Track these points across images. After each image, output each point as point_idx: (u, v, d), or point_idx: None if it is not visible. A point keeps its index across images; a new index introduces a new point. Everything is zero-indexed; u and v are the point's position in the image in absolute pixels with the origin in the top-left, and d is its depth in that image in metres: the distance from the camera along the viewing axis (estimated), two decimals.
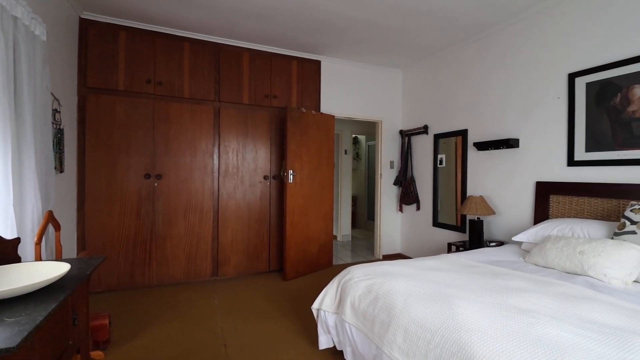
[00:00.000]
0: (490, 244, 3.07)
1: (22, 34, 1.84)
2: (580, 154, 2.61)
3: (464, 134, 3.69)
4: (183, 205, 3.48)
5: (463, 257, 2.41)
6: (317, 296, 2.36)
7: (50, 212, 1.78)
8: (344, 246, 5.47)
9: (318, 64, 4.18)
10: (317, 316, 2.11)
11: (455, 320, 1.35)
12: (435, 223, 4.11)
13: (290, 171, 3.58)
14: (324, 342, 2.06)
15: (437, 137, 4.09)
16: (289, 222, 3.59)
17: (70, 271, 1.30)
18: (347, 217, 5.99)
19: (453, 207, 3.87)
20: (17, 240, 1.42)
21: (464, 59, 3.71)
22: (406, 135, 4.54)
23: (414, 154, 4.48)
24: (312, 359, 2.08)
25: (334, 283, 2.11)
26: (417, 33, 3.50)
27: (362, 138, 7.32)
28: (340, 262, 4.45)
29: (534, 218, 2.95)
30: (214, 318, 2.67)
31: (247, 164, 3.78)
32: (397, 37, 3.61)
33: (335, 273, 3.75)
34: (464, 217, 3.67)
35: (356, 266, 2.13)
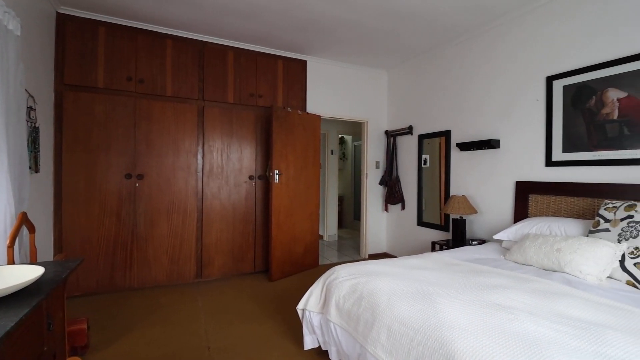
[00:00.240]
0: (473, 243, 3.13)
1: None
2: (558, 154, 2.70)
3: (447, 134, 3.76)
4: (165, 205, 3.41)
5: (446, 255, 2.45)
6: (302, 296, 2.36)
7: (24, 213, 1.71)
8: (331, 246, 5.48)
9: (304, 63, 4.18)
10: (302, 316, 2.11)
11: (437, 317, 1.37)
12: (420, 222, 4.17)
13: (276, 171, 3.56)
14: (309, 343, 2.06)
15: (421, 138, 4.15)
16: (274, 222, 3.57)
17: (45, 274, 1.26)
18: (334, 217, 6.00)
19: (437, 206, 3.93)
20: None
21: (447, 60, 3.78)
22: (391, 136, 4.59)
23: (399, 154, 4.53)
24: None
25: (319, 283, 2.11)
26: (402, 35, 3.54)
27: (348, 138, 7.35)
28: (327, 262, 4.45)
29: (514, 217, 3.03)
30: (198, 320, 2.63)
31: (232, 163, 3.74)
32: (382, 39, 3.65)
33: (321, 273, 3.75)
34: (447, 217, 3.74)
35: (341, 266, 2.14)
